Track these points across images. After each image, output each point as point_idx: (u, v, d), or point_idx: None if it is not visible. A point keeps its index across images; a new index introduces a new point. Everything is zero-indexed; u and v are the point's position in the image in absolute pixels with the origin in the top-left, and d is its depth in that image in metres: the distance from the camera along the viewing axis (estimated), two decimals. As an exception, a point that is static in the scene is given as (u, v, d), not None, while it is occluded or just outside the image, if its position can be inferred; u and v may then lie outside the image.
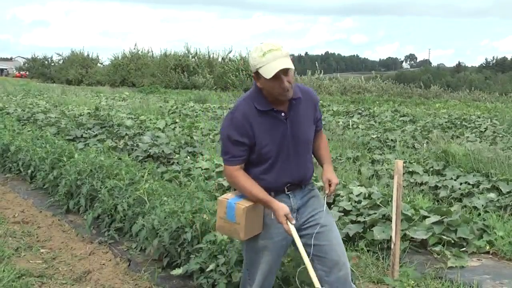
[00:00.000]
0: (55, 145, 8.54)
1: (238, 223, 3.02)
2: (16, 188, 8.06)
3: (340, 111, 19.85)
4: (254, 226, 3.08)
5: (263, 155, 3.06)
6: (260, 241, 3.16)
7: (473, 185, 7.26)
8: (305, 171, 3.19)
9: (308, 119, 3.17)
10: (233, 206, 3.04)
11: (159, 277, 4.68)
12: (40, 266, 5.07)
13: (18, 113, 15.38)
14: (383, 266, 4.83)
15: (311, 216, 3.18)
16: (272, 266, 3.20)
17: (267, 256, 3.16)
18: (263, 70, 2.88)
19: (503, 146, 10.82)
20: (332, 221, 3.29)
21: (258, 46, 2.94)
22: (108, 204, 5.86)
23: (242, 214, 2.99)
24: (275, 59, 2.86)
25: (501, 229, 5.59)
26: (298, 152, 3.13)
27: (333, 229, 3.23)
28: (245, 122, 3.01)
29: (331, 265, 3.11)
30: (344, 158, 9.56)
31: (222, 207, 3.12)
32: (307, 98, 3.17)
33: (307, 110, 3.16)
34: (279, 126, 3.05)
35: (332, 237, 3.16)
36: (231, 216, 3.05)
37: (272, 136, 3.04)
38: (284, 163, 3.10)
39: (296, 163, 3.14)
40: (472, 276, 4.66)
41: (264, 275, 3.19)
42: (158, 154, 9.27)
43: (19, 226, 6.30)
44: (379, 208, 5.63)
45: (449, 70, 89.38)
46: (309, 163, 3.24)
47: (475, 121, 16.54)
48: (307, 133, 3.17)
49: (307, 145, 3.20)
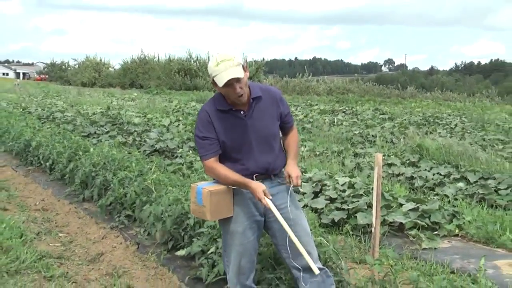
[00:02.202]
0: (72, 140, 8.52)
1: (205, 205, 3.06)
2: (37, 179, 8.04)
3: (326, 110, 19.85)
4: (221, 209, 3.10)
5: (227, 149, 3.09)
6: (232, 224, 3.15)
7: (445, 176, 7.28)
8: (269, 162, 3.15)
9: (270, 115, 3.15)
10: (200, 190, 3.08)
11: (164, 258, 4.68)
12: (59, 248, 5.06)
13: (38, 112, 15.34)
14: (365, 248, 4.85)
15: (279, 210, 3.08)
16: (246, 247, 3.15)
17: (239, 238, 3.14)
18: (216, 78, 2.91)
19: (471, 140, 10.86)
20: (299, 213, 3.24)
21: (214, 56, 2.96)
22: (119, 193, 5.86)
23: (207, 197, 3.03)
24: (226, 69, 2.88)
25: (469, 214, 5.61)
26: (260, 146, 3.11)
27: (299, 222, 3.18)
28: (207, 120, 3.07)
29: (297, 254, 3.05)
30: (330, 152, 9.57)
31: (193, 192, 3.16)
32: (267, 96, 3.15)
33: (268, 107, 3.14)
34: (239, 123, 3.06)
35: (298, 229, 3.11)
36: (199, 199, 3.10)
37: (233, 133, 3.06)
38: (248, 154, 3.09)
39: (260, 155, 3.11)
40: (444, 256, 4.67)
41: (239, 256, 3.16)
42: (164, 148, 9.27)
43: (40, 213, 6.30)
44: (362, 197, 5.64)
45: (423, 73, 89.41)
46: (275, 154, 3.19)
47: (446, 119, 16.61)
48: (269, 128, 3.14)
49: (270, 138, 3.16)
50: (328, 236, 4.28)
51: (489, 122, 16.15)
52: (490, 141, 11.15)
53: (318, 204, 5.64)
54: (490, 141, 11.15)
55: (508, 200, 6.19)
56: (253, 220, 3.15)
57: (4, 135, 10.68)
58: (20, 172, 8.67)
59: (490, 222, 5.37)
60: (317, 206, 5.60)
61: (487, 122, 15.98)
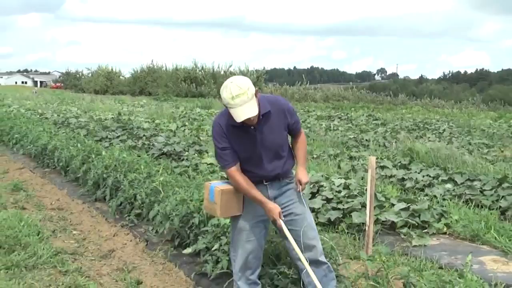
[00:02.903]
0: (85, 144, 8.52)
1: (216, 202, 3.11)
2: (53, 180, 8.05)
3: (323, 116, 19.85)
4: (230, 207, 3.14)
5: (239, 158, 3.09)
6: (240, 222, 3.19)
7: (434, 177, 7.28)
8: (278, 169, 3.17)
9: (279, 128, 3.13)
10: (213, 189, 3.15)
11: (171, 254, 4.68)
12: (73, 245, 5.07)
13: (54, 118, 15.35)
14: (359, 245, 4.84)
15: (286, 206, 3.18)
16: (253, 244, 3.18)
17: (246, 235, 3.17)
18: (232, 112, 2.87)
19: (458, 145, 10.88)
20: (306, 209, 3.25)
21: (228, 86, 2.89)
22: (129, 193, 5.86)
23: (218, 195, 3.09)
24: (242, 104, 2.84)
25: (456, 213, 5.61)
26: (269, 155, 3.12)
27: (306, 217, 3.21)
28: (222, 132, 3.05)
29: (303, 246, 3.11)
30: (326, 155, 9.57)
31: (206, 190, 3.23)
32: (275, 109, 3.10)
33: (277, 120, 3.11)
34: (249, 137, 3.06)
35: (303, 223, 3.16)
36: (212, 197, 3.16)
37: (243, 145, 3.06)
38: (258, 163, 3.11)
39: (268, 164, 3.13)
40: (433, 252, 4.67)
41: (246, 252, 3.18)
42: (171, 152, 9.27)
43: (56, 212, 6.30)
44: (356, 197, 5.64)
45: (413, 81, 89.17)
46: (283, 161, 3.20)
47: (435, 124, 16.62)
48: (277, 140, 3.14)
49: (278, 149, 3.16)
50: (325, 234, 4.29)
51: (475, 127, 16.16)
52: (475, 145, 11.16)
53: (315, 204, 5.64)
54: (476, 145, 11.16)
55: (492, 200, 6.18)
56: (260, 219, 3.18)
57: (23, 139, 10.70)
58: (37, 173, 8.68)
59: (476, 220, 5.37)
60: (314, 206, 5.60)
61: (473, 128, 15.99)
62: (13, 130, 11.70)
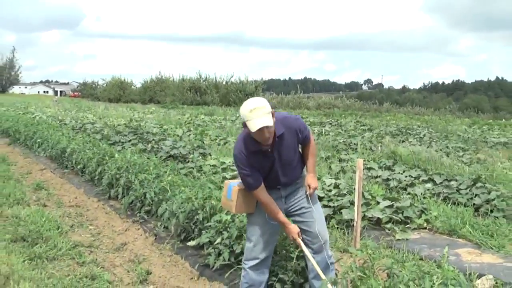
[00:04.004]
0: (100, 148, 8.52)
1: (232, 200, 3.14)
2: (71, 180, 8.04)
3: (315, 122, 19.86)
4: (245, 205, 3.17)
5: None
6: (256, 217, 3.22)
7: (415, 178, 7.28)
8: (291, 179, 3.22)
9: (292, 146, 3.13)
10: (231, 187, 3.18)
11: (178, 248, 4.68)
12: (89, 239, 5.07)
13: (72, 124, 15.32)
14: (348, 239, 4.85)
15: (296, 202, 3.23)
16: (267, 238, 3.19)
17: (262, 229, 3.19)
18: (249, 123, 2.84)
19: (437, 148, 10.88)
20: (315, 203, 3.28)
21: (247, 102, 2.89)
22: (139, 192, 5.86)
23: (235, 193, 3.12)
24: (258, 116, 2.81)
25: (435, 210, 5.62)
26: (284, 171, 3.15)
27: (315, 210, 3.25)
28: (244, 159, 3.02)
29: (313, 236, 3.16)
30: (318, 158, 9.57)
31: (225, 187, 3.27)
32: (289, 130, 3.08)
33: (291, 141, 3.11)
34: (267, 158, 3.07)
35: (314, 216, 3.20)
36: (229, 194, 3.19)
37: (263, 167, 3.07)
38: (274, 178, 3.15)
39: (283, 177, 3.17)
40: (414, 245, 4.68)
41: (261, 243, 3.19)
42: (177, 154, 9.26)
43: (73, 208, 6.30)
44: (345, 196, 5.64)
45: (397, 91, 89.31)
46: (295, 169, 3.23)
47: (416, 130, 16.62)
48: (291, 157, 3.15)
49: (292, 163, 3.18)
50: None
51: (452, 132, 16.17)
52: (452, 149, 11.16)
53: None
54: (453, 149, 11.16)
55: (467, 198, 6.19)
56: None
57: (44, 143, 10.68)
58: (57, 174, 8.67)
59: (453, 217, 5.37)
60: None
61: (450, 133, 16.00)
62: (36, 135, 11.69)
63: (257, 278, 3.22)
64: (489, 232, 4.95)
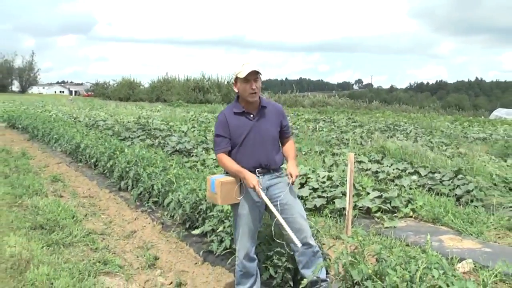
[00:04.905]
0: (111, 143, 8.52)
1: (217, 193, 3.08)
2: (84, 173, 8.04)
3: (310, 119, 19.82)
4: (229, 196, 3.10)
5: (234, 142, 3.09)
6: (240, 208, 3.14)
7: (402, 170, 7.28)
8: (269, 159, 3.12)
9: (272, 121, 3.16)
10: (213, 181, 3.10)
11: (183, 235, 4.68)
12: (101, 227, 5.07)
13: (86, 121, 15.33)
14: (340, 227, 4.85)
15: (277, 196, 3.11)
16: (250, 226, 3.15)
17: (245, 219, 3.14)
18: (241, 72, 3.02)
19: (422, 143, 10.86)
20: (294, 199, 3.20)
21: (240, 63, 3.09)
22: (147, 184, 5.86)
23: (218, 186, 3.05)
24: (249, 65, 3.01)
25: (420, 200, 5.62)
26: (262, 143, 3.10)
27: (295, 205, 3.16)
28: (225, 121, 3.09)
29: (296, 230, 3.05)
30: (313, 152, 9.56)
31: (208, 182, 3.18)
32: (272, 107, 3.21)
33: (273, 116, 3.18)
34: (248, 123, 3.09)
35: (294, 211, 3.12)
36: (213, 188, 3.12)
37: (241, 129, 3.08)
38: (251, 149, 3.08)
39: (261, 151, 3.10)
40: (401, 233, 4.68)
41: (245, 232, 3.16)
42: (182, 149, 9.26)
43: (87, 199, 6.30)
44: (338, 187, 5.65)
45: (385, 90, 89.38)
46: (275, 154, 3.16)
47: (403, 126, 16.60)
48: (270, 131, 3.14)
49: (271, 139, 3.14)
50: (312, 218, 4.29)
51: (435, 129, 16.17)
52: (436, 144, 11.15)
53: (303, 192, 5.64)
54: (436, 144, 11.15)
55: (450, 189, 6.19)
56: (255, 205, 3.14)
57: (60, 138, 10.68)
58: (72, 167, 8.67)
59: (436, 206, 5.37)
60: (302, 194, 5.60)
61: (434, 129, 16.00)
62: (52, 131, 11.68)
63: (249, 264, 3.21)
64: (469, 220, 4.95)
